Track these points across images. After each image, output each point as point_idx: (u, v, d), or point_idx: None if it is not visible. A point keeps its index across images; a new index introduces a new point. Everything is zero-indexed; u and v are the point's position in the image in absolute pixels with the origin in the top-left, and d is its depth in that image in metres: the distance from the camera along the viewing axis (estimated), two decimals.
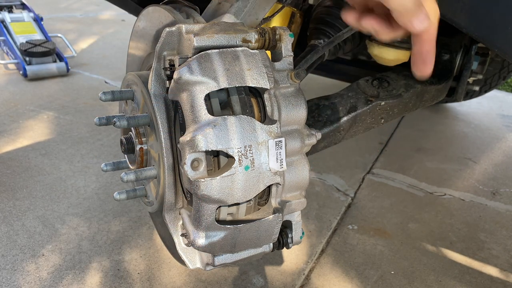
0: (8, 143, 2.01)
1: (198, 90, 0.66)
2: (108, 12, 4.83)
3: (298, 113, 0.77)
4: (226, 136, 0.65)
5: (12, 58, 2.99)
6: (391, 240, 1.57)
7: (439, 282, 1.40)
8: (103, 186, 1.74)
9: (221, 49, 0.70)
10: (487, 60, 1.50)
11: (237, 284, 1.32)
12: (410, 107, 1.22)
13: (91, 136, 2.13)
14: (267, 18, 0.98)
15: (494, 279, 1.43)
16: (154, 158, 0.83)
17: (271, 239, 0.78)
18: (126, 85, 0.89)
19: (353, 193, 1.84)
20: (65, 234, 1.47)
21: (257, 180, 0.69)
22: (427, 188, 1.92)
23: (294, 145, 0.77)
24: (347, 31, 0.98)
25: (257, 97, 0.74)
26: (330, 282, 1.36)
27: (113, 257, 1.39)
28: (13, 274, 1.30)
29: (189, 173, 0.66)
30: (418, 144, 2.35)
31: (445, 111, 2.84)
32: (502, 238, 1.63)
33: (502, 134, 2.57)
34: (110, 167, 0.91)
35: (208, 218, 0.70)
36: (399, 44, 1.25)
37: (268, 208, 0.78)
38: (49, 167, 1.85)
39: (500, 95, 3.22)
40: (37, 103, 2.47)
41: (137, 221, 1.56)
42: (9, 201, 1.62)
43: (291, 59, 0.79)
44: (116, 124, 0.78)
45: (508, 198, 1.89)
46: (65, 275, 1.31)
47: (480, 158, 2.25)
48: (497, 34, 0.90)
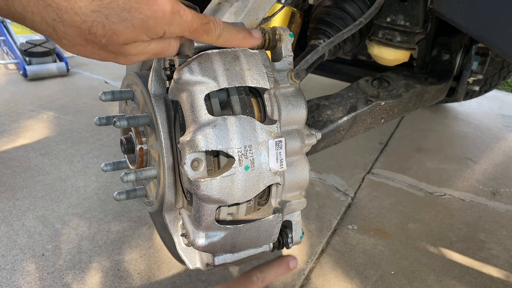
0: (8, 143, 2.01)
1: (198, 90, 0.66)
2: None
3: (298, 113, 0.77)
4: (226, 136, 0.65)
5: (12, 58, 2.99)
6: (391, 240, 1.57)
7: (439, 282, 1.40)
8: (103, 186, 1.74)
9: (221, 49, 0.70)
10: (487, 60, 1.50)
11: None
12: (410, 107, 1.22)
13: (91, 136, 2.13)
14: (267, 18, 0.98)
15: (494, 279, 1.43)
16: (154, 158, 0.83)
17: (271, 239, 0.78)
18: (126, 85, 0.89)
19: (353, 193, 1.84)
20: (65, 234, 1.47)
21: (257, 180, 0.69)
22: (427, 188, 1.92)
23: (294, 145, 0.77)
24: (347, 31, 0.98)
25: (257, 97, 0.74)
26: (330, 282, 1.36)
27: (113, 257, 1.39)
28: (13, 274, 1.30)
29: (189, 173, 0.66)
30: (418, 144, 2.35)
31: (445, 111, 2.84)
32: (502, 238, 1.63)
33: (502, 134, 2.57)
34: (110, 167, 0.91)
35: (208, 218, 0.70)
36: (399, 44, 1.25)
37: (268, 208, 0.78)
38: (49, 167, 1.85)
39: (500, 95, 3.23)
40: (37, 103, 2.47)
41: (137, 221, 1.56)
42: (9, 201, 1.62)
43: (291, 59, 0.79)
44: (116, 124, 0.78)
45: (508, 198, 1.89)
46: (65, 275, 1.31)
47: (480, 158, 2.25)
48: (497, 34, 0.90)
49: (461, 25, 0.97)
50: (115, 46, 0.54)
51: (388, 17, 1.22)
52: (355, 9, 1.28)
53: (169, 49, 0.61)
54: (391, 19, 1.21)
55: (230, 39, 0.64)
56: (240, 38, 0.66)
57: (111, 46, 0.54)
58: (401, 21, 1.21)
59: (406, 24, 1.21)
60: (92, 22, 0.51)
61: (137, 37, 0.55)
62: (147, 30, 0.54)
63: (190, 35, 0.59)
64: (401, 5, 1.18)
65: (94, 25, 0.51)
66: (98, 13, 0.51)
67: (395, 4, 1.19)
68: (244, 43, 0.67)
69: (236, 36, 0.65)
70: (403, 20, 1.20)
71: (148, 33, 0.55)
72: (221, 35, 0.62)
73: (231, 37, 0.64)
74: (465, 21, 0.96)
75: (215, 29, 0.61)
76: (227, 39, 0.64)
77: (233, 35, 0.64)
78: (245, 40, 0.67)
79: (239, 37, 0.65)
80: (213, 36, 0.61)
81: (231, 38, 0.64)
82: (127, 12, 0.52)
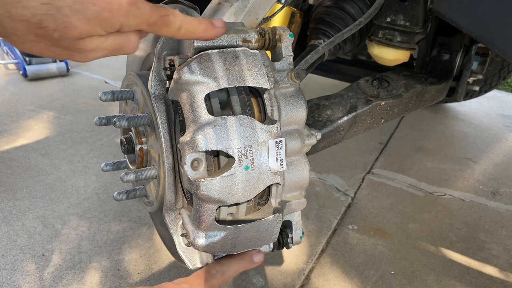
0: (8, 143, 2.01)
1: (198, 90, 0.66)
2: None
3: (298, 113, 0.77)
4: (226, 136, 0.65)
5: (12, 58, 2.99)
6: (391, 240, 1.57)
7: (439, 282, 1.40)
8: (103, 186, 1.74)
9: (221, 49, 0.70)
10: (487, 60, 1.50)
11: (237, 284, 1.32)
12: (410, 107, 1.22)
13: (91, 136, 2.13)
14: (267, 18, 0.98)
15: (494, 279, 1.43)
16: (154, 158, 0.83)
17: (271, 239, 0.78)
18: (126, 85, 0.89)
19: (353, 193, 1.84)
20: (65, 234, 1.47)
21: (257, 180, 0.69)
22: (427, 188, 1.92)
23: (294, 145, 0.77)
24: (347, 31, 0.98)
25: (257, 97, 0.74)
26: (330, 282, 1.36)
27: (113, 257, 1.39)
28: (13, 274, 1.30)
29: (189, 173, 0.66)
30: (418, 144, 2.35)
31: (445, 111, 2.84)
32: (502, 238, 1.63)
33: (502, 134, 2.57)
34: (110, 167, 0.91)
35: (208, 218, 0.70)
36: (399, 44, 1.25)
37: (268, 208, 0.78)
38: (49, 167, 1.85)
39: (500, 95, 3.23)
40: (37, 103, 2.47)
41: (137, 221, 1.56)
42: (9, 201, 1.62)
43: (291, 59, 0.79)
44: (116, 124, 0.78)
45: (508, 198, 1.89)
46: (65, 275, 1.31)
47: (480, 158, 2.25)
48: (497, 34, 0.90)
49: (461, 25, 0.97)
50: (68, 41, 0.52)
51: (388, 17, 1.22)
52: (355, 9, 1.28)
53: (128, 45, 0.59)
54: (391, 19, 1.21)
55: (191, 31, 0.62)
56: (202, 29, 0.64)
57: (65, 41, 0.52)
58: (401, 21, 1.21)
59: (406, 24, 1.21)
60: (42, 15, 0.48)
61: (92, 31, 0.52)
62: (102, 23, 0.52)
63: (148, 28, 0.57)
64: (401, 5, 1.18)
65: (44, 18, 0.49)
66: (49, 6, 0.48)
67: (395, 4, 1.19)
68: (206, 34, 0.65)
69: (197, 28, 0.63)
70: (403, 20, 1.20)
71: (103, 26, 0.52)
72: (181, 27, 0.60)
73: (192, 29, 0.62)
74: (465, 21, 0.96)
75: (174, 21, 0.59)
76: (188, 31, 0.62)
77: (194, 27, 0.62)
78: (207, 31, 0.64)
79: (201, 29, 0.63)
80: (173, 29, 0.59)
81: (192, 29, 0.62)
82: (80, 4, 0.49)
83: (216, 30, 0.66)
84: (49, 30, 0.50)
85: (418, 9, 1.17)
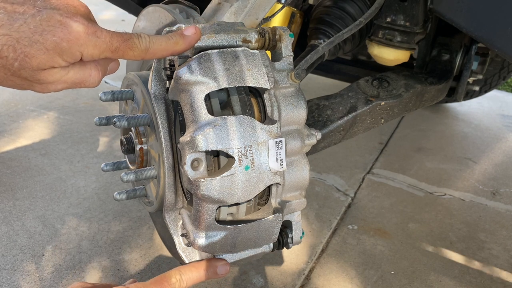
0: (8, 143, 2.01)
1: (198, 90, 0.66)
2: (108, 12, 4.83)
3: (298, 113, 0.77)
4: (226, 136, 0.65)
5: None
6: (391, 240, 1.57)
7: (439, 282, 1.40)
8: (103, 186, 1.74)
9: (221, 49, 0.70)
10: (487, 60, 1.50)
11: (237, 284, 1.32)
12: (410, 107, 1.22)
13: (91, 136, 2.13)
14: (267, 18, 0.98)
15: (494, 279, 1.43)
16: (154, 158, 0.83)
17: (271, 239, 0.78)
18: (126, 85, 0.89)
19: (353, 193, 1.84)
20: (65, 234, 1.47)
21: (257, 180, 0.69)
22: (427, 188, 1.92)
23: (294, 145, 0.77)
24: (347, 31, 0.98)
25: (257, 97, 0.74)
26: (330, 282, 1.36)
27: (113, 257, 1.39)
28: (13, 274, 1.30)
29: (189, 173, 0.66)
30: (418, 144, 2.35)
31: (445, 111, 2.84)
32: (502, 238, 1.63)
33: (502, 134, 2.57)
34: (110, 167, 0.91)
35: (208, 218, 0.70)
36: (399, 44, 1.25)
37: (268, 208, 0.78)
38: (49, 167, 1.85)
39: (500, 95, 3.23)
40: (37, 103, 2.47)
41: (137, 221, 1.56)
42: (9, 201, 1.62)
43: (291, 59, 0.79)
44: (116, 124, 0.78)
45: (508, 198, 1.89)
46: (65, 275, 1.31)
47: (480, 158, 2.25)
48: (497, 34, 0.90)
49: (461, 25, 0.97)
50: (29, 71, 0.53)
51: (388, 17, 1.22)
52: (355, 9, 1.28)
53: (89, 79, 0.59)
54: (391, 19, 1.22)
55: (161, 49, 0.62)
56: (172, 44, 0.63)
57: (25, 71, 0.53)
58: (401, 21, 1.21)
59: (406, 24, 1.21)
60: (2, 45, 0.50)
61: (52, 61, 0.53)
62: (62, 53, 0.53)
63: (113, 54, 0.58)
64: (401, 5, 1.18)
65: (4, 48, 0.50)
66: (8, 37, 0.50)
67: (395, 4, 1.19)
68: (178, 47, 0.64)
69: (166, 45, 0.62)
70: (403, 20, 1.20)
71: (63, 56, 0.53)
72: (148, 48, 0.60)
73: (161, 47, 0.62)
74: (465, 21, 0.96)
75: (139, 44, 0.59)
76: (158, 50, 0.62)
77: (163, 45, 0.62)
78: (178, 44, 0.64)
79: (171, 44, 0.63)
80: (139, 51, 0.59)
81: (161, 48, 0.62)
82: (39, 35, 0.51)
83: (187, 39, 0.65)
84: (9, 59, 0.51)
85: (418, 9, 1.17)
